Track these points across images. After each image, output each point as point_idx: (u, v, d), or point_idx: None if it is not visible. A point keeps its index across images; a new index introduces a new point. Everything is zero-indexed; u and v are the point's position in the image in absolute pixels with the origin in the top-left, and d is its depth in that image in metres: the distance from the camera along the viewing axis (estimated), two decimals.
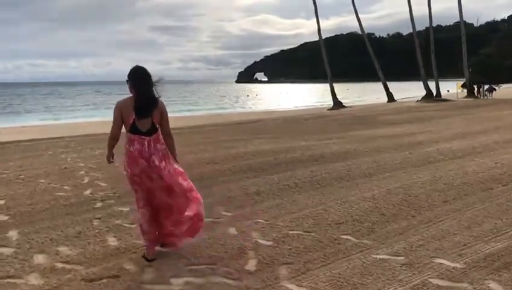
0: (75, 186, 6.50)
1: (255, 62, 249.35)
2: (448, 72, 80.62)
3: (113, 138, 3.65)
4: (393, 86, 39.04)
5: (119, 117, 3.56)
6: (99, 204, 5.48)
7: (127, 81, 3.61)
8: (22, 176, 7.48)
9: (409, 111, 22.53)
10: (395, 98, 36.49)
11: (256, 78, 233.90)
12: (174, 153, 3.75)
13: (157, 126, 3.61)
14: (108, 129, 3.73)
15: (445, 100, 31.26)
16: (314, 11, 31.94)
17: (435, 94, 33.08)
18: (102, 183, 6.63)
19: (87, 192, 6.13)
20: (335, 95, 32.33)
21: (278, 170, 7.19)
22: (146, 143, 3.54)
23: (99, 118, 30.75)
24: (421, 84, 34.90)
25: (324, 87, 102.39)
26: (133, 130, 3.54)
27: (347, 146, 9.67)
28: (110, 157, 3.79)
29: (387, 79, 36.41)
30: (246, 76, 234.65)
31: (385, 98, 36.02)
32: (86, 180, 6.92)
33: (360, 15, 35.05)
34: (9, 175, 7.60)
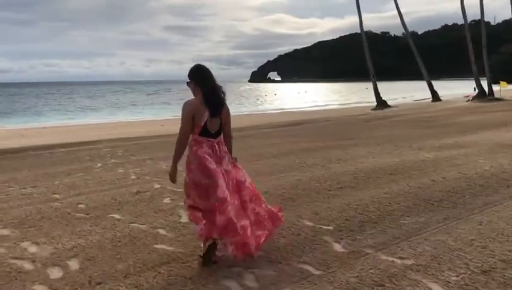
0: (177, 231, 4.21)
1: (268, 61, 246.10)
2: (464, 71, 77.33)
3: (186, 135, 3.34)
4: (415, 85, 36.58)
5: (192, 115, 3.32)
6: (251, 278, 3.15)
7: (188, 83, 3.47)
8: (82, 206, 5.23)
9: (473, 111, 19.90)
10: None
11: (269, 77, 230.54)
12: (231, 153, 3.57)
13: (222, 127, 3.48)
14: (143, 131, 1.56)
15: (498, 99, 28.73)
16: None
17: (487, 93, 30.36)
18: None
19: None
20: (379, 94, 29.82)
21: (465, 207, 4.81)
22: (216, 146, 3.40)
23: (133, 119, 28.84)
24: (439, 83, 32.40)
25: (342, 86, 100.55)
26: (203, 132, 3.36)
27: (500, 161, 7.17)
28: (175, 175, 3.44)
29: (407, 78, 34.13)
30: (259, 75, 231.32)
31: (419, 97, 33.44)
32: (184, 217, 4.61)
33: (373, 14, 33.38)
34: (63, 204, 5.34)
